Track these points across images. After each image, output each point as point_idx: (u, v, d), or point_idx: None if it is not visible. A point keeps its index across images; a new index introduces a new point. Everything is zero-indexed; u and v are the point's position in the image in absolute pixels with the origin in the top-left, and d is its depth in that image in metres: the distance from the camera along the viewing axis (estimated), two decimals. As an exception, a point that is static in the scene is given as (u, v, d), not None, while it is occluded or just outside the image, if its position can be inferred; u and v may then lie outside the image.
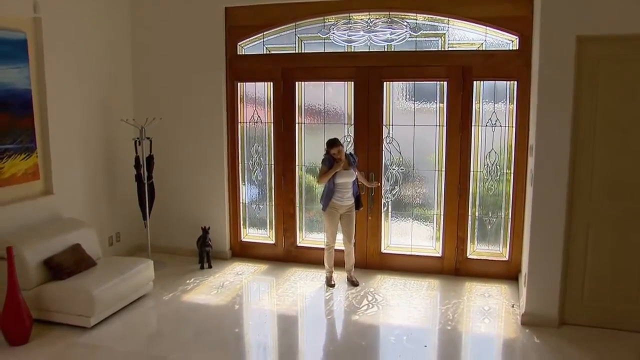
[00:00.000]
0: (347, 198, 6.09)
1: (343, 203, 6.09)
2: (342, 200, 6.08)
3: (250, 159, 7.15)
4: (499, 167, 6.32)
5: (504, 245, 6.45)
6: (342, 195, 6.07)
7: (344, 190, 6.06)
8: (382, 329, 5.33)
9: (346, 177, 6.03)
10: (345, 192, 6.07)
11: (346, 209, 6.13)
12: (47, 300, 5.18)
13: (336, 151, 5.93)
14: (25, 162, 5.75)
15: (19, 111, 5.65)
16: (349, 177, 6.05)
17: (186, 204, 7.24)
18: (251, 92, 7.03)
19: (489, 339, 5.17)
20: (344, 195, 6.07)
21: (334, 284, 6.28)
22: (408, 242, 6.74)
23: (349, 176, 6.05)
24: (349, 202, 6.13)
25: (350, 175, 6.06)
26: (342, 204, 6.09)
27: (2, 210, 5.45)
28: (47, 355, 4.73)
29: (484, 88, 6.23)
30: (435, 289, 6.18)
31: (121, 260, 6.07)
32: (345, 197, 6.08)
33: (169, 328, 5.32)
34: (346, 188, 6.06)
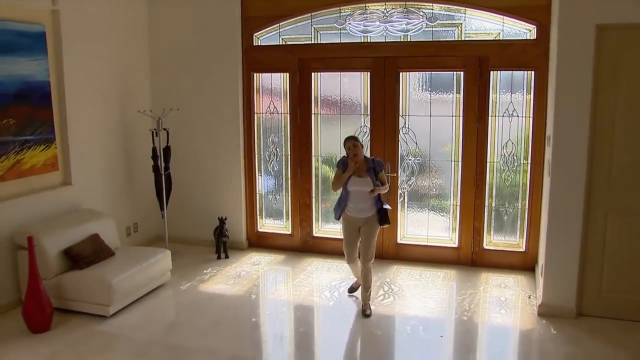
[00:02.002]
0: (362, 210, 5.20)
1: (358, 215, 5.23)
2: (356, 212, 5.23)
3: (266, 149, 7.17)
4: (516, 158, 6.28)
5: (521, 236, 6.42)
6: (356, 206, 5.21)
7: (358, 200, 5.19)
8: (398, 319, 5.35)
9: (360, 185, 5.15)
10: (361, 202, 5.19)
11: (364, 222, 5.25)
12: (66, 289, 5.26)
13: (350, 145, 5.12)
14: (44, 153, 5.81)
15: (38, 103, 5.71)
16: (364, 185, 5.14)
17: (203, 194, 7.28)
18: (267, 83, 7.04)
19: (506, 329, 5.16)
20: (358, 205, 5.21)
21: (350, 289, 5.80)
22: (424, 233, 6.73)
23: (365, 185, 5.14)
24: (366, 215, 5.20)
25: (366, 184, 5.13)
26: (357, 216, 5.24)
27: (22, 201, 5.52)
28: (67, 342, 4.80)
29: (501, 78, 6.18)
30: (451, 280, 6.17)
31: (139, 250, 6.13)
32: (361, 208, 5.20)
33: (186, 317, 5.37)
34: (361, 198, 5.17)
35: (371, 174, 5.16)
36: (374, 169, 5.18)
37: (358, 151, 5.12)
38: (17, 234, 5.32)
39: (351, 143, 5.14)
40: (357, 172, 5.15)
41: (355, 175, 5.16)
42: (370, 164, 5.20)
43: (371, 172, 5.16)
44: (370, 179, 5.13)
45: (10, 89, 5.41)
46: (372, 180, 5.12)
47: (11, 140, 5.45)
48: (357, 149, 5.12)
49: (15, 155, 5.49)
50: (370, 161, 5.23)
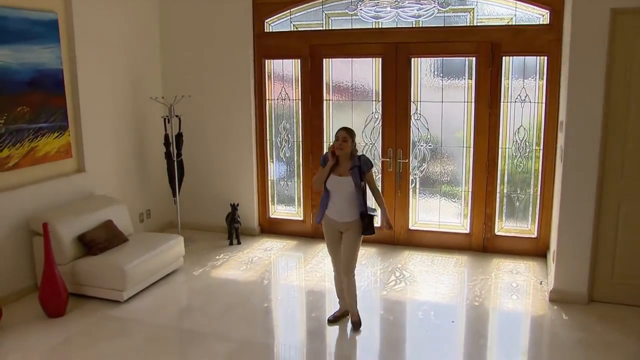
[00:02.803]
0: (343, 212, 4.55)
1: (338, 218, 4.59)
2: (336, 214, 4.59)
3: (278, 135, 7.18)
4: (528, 144, 6.25)
5: (533, 222, 6.41)
6: (336, 208, 4.57)
7: (338, 202, 4.56)
8: (409, 305, 5.37)
9: (339, 185, 4.51)
10: (341, 204, 4.55)
11: (345, 227, 4.61)
12: (81, 274, 5.32)
13: (339, 135, 4.49)
14: (58, 140, 5.86)
15: (51, 90, 5.75)
16: (343, 185, 4.49)
17: (215, 180, 7.32)
18: (279, 69, 7.04)
19: (517, 315, 5.17)
20: (338, 207, 4.56)
21: (332, 318, 4.90)
22: (436, 219, 6.73)
23: (344, 185, 4.49)
24: (347, 219, 4.55)
25: (346, 184, 4.48)
26: (337, 219, 4.60)
27: (37, 188, 5.58)
28: (83, 326, 4.87)
29: (513, 63, 6.14)
30: (463, 266, 6.18)
31: (152, 236, 6.18)
32: (341, 210, 4.56)
33: (199, 303, 5.43)
34: (341, 199, 4.54)
35: (355, 173, 4.47)
36: (359, 167, 4.49)
37: (344, 147, 4.46)
38: (32, 221, 5.38)
39: (340, 134, 4.49)
40: (338, 170, 4.51)
41: (336, 173, 4.51)
42: (355, 161, 4.51)
43: (355, 172, 4.47)
44: (353, 179, 4.45)
45: (24, 77, 5.45)
46: (354, 181, 4.45)
47: (25, 127, 5.50)
48: (344, 143, 4.46)
49: (29, 143, 5.54)
50: (356, 159, 4.52)
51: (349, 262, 4.64)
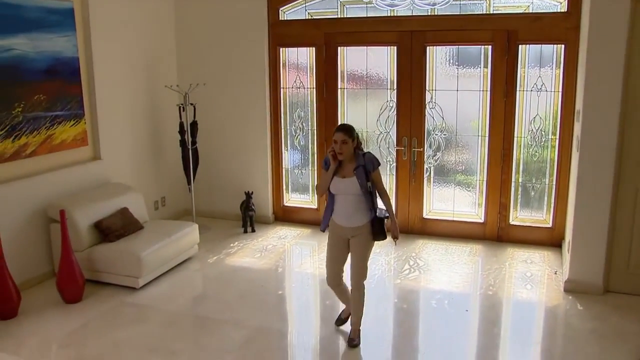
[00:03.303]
0: (351, 217, 4.17)
1: (345, 224, 4.20)
2: (344, 219, 4.20)
3: (292, 124, 7.19)
4: (544, 133, 6.21)
5: (548, 212, 6.37)
6: (342, 212, 4.19)
7: (344, 205, 4.18)
8: (423, 293, 5.38)
9: (343, 187, 4.14)
10: (347, 207, 4.17)
11: (354, 232, 4.22)
12: (97, 261, 5.38)
13: (337, 139, 4.07)
14: (74, 128, 5.90)
15: (67, 79, 5.79)
16: (348, 187, 4.13)
17: (230, 169, 7.34)
18: (293, 58, 7.03)
19: (531, 304, 5.16)
20: (344, 211, 4.19)
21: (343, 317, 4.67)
22: (450, 208, 6.71)
23: (349, 187, 4.12)
24: (355, 224, 4.17)
25: (351, 186, 4.11)
26: (344, 224, 4.21)
27: (53, 175, 5.64)
28: (99, 312, 4.94)
29: (530, 52, 6.09)
30: (477, 255, 6.17)
31: (167, 223, 6.22)
32: (348, 214, 4.18)
33: (213, 290, 5.48)
34: (347, 203, 4.16)
35: (360, 173, 4.09)
36: (364, 167, 4.12)
37: (344, 150, 4.07)
38: (49, 208, 5.44)
39: (338, 137, 4.08)
40: (341, 172, 4.15)
41: (339, 175, 4.15)
42: (360, 160, 4.13)
43: (360, 172, 4.09)
44: (358, 180, 4.08)
45: (41, 65, 5.49)
46: (360, 182, 4.08)
47: (42, 115, 5.55)
48: (344, 146, 4.06)
49: (46, 131, 5.59)
50: (360, 157, 4.14)
51: (360, 269, 4.25)
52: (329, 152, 4.14)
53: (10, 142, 5.24)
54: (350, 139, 4.07)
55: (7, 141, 5.21)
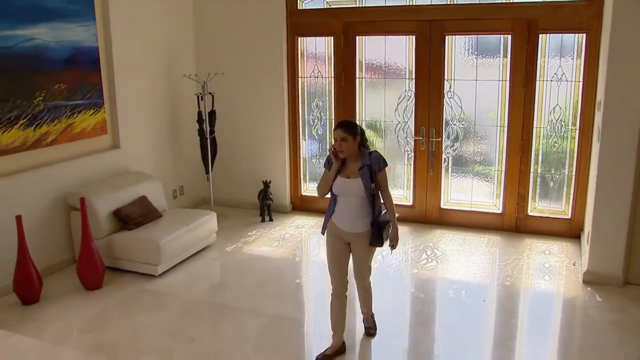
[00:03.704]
0: (353, 221, 3.87)
1: (346, 228, 3.90)
2: (346, 224, 3.89)
3: (310, 113, 7.19)
4: (564, 123, 6.15)
5: (567, 203, 6.32)
6: (345, 215, 3.89)
7: (347, 208, 3.88)
8: (440, 283, 5.37)
9: (347, 188, 3.85)
10: (350, 210, 3.87)
11: (355, 238, 3.93)
12: (117, 248, 5.44)
13: (337, 136, 3.79)
14: (93, 117, 5.95)
15: (87, 68, 5.84)
16: (352, 189, 3.83)
17: (248, 158, 7.37)
18: (311, 47, 7.02)
19: (549, 295, 5.13)
20: (347, 215, 3.88)
21: (320, 357, 4.03)
22: (468, 198, 6.69)
23: (353, 188, 3.83)
24: (356, 229, 3.88)
25: (355, 188, 3.82)
26: (344, 228, 3.90)
27: (73, 164, 5.70)
28: (119, 299, 5.00)
29: (550, 41, 6.02)
30: (495, 245, 6.15)
31: (186, 212, 6.26)
32: (350, 218, 3.87)
33: (231, 278, 5.51)
34: (350, 205, 3.86)
35: (365, 174, 3.80)
36: (370, 167, 3.83)
37: (344, 148, 3.77)
38: (69, 196, 5.51)
39: (337, 134, 3.79)
40: (345, 171, 3.86)
41: (343, 175, 3.86)
42: (365, 159, 3.84)
43: (365, 172, 3.81)
44: (363, 181, 3.79)
45: (61, 54, 5.54)
46: (364, 183, 3.79)
47: (63, 104, 5.60)
48: (344, 143, 3.77)
49: (66, 119, 5.65)
50: (366, 156, 3.85)
51: (364, 268, 4.07)
52: (330, 150, 3.86)
53: (32, 131, 5.31)
54: (351, 136, 3.75)
55: (28, 130, 5.27)
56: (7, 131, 5.08)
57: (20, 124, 5.20)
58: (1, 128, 5.02)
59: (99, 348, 4.21)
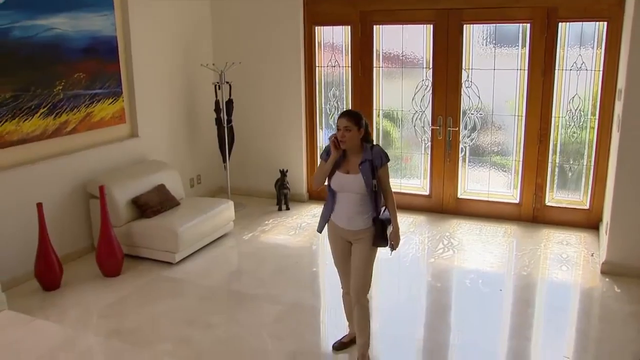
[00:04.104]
0: (352, 219, 3.62)
1: (346, 226, 3.66)
2: (344, 221, 3.65)
3: (327, 102, 7.18)
4: (583, 113, 6.09)
5: (585, 194, 6.27)
6: (343, 213, 3.65)
7: (346, 205, 3.63)
8: (457, 272, 5.37)
9: (345, 183, 3.60)
10: (349, 208, 3.62)
11: (355, 236, 3.68)
12: (135, 236, 5.49)
13: (340, 125, 3.54)
14: (112, 106, 6.00)
15: (106, 57, 5.88)
16: (351, 185, 3.58)
17: (265, 147, 7.39)
18: (328, 36, 7.01)
19: (567, 285, 5.11)
20: (346, 212, 3.63)
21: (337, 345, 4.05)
22: (485, 188, 6.66)
23: (352, 184, 3.57)
24: (357, 227, 3.62)
25: (355, 184, 3.56)
26: (344, 226, 3.66)
27: (92, 152, 5.76)
28: (137, 285, 5.07)
29: (570, 30, 5.95)
30: (512, 235, 6.13)
31: (203, 200, 6.31)
32: (349, 216, 3.63)
33: (248, 265, 5.56)
34: (350, 202, 3.61)
35: (366, 169, 3.53)
36: (371, 162, 3.56)
37: (347, 138, 3.52)
38: (88, 184, 5.57)
39: (341, 122, 3.54)
40: (345, 165, 3.61)
41: (342, 169, 3.61)
42: (367, 154, 3.57)
43: (366, 167, 3.54)
44: (363, 177, 3.53)
45: (80, 44, 5.58)
46: (365, 179, 3.53)
47: (82, 93, 5.65)
48: (348, 133, 3.51)
49: (85, 108, 5.70)
50: (367, 150, 3.59)
51: (361, 279, 3.69)
52: (330, 139, 3.58)
53: (52, 120, 5.37)
54: (356, 127, 3.51)
55: (49, 118, 5.33)
56: (28, 120, 5.14)
57: (40, 113, 5.26)
58: (22, 117, 5.09)
59: (118, 333, 4.27)
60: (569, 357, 3.94)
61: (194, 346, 4.09)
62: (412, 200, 6.86)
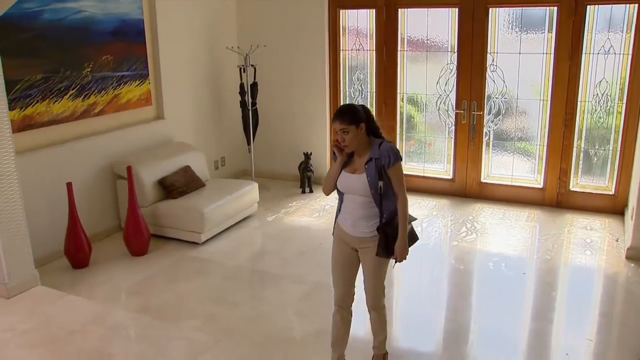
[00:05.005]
0: (357, 224, 3.25)
1: (351, 231, 3.29)
2: (349, 226, 3.29)
3: (351, 86, 7.19)
4: (610, 97, 6.02)
5: (610, 179, 6.22)
6: (348, 216, 3.30)
7: (351, 208, 3.27)
8: (480, 255, 5.38)
9: (351, 184, 3.22)
10: (355, 211, 3.25)
11: (361, 243, 3.29)
12: (161, 216, 5.58)
13: (337, 128, 3.13)
14: (139, 88, 6.08)
15: (133, 40, 5.95)
16: (355, 186, 3.20)
17: (289, 129, 7.43)
18: (353, 19, 6.99)
19: (590, 270, 5.10)
20: (351, 216, 3.27)
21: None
22: (508, 173, 6.64)
23: (357, 185, 3.19)
24: (362, 233, 3.25)
25: (359, 185, 3.18)
26: (347, 231, 3.31)
27: (120, 134, 5.85)
28: (164, 264, 5.16)
29: (598, 12, 5.86)
30: (535, 220, 6.11)
31: (228, 182, 6.38)
32: (354, 220, 3.26)
33: (273, 246, 5.62)
34: (355, 205, 3.24)
35: (371, 169, 3.15)
36: (378, 160, 3.15)
37: (349, 141, 3.12)
38: (116, 165, 5.67)
39: (336, 126, 3.13)
40: (352, 165, 3.24)
41: (348, 169, 3.24)
42: (374, 152, 3.17)
43: (371, 167, 3.15)
44: (367, 177, 3.15)
45: (108, 26, 5.66)
46: (369, 180, 3.14)
47: (110, 75, 5.74)
48: (347, 136, 3.11)
49: (113, 90, 5.78)
50: (375, 148, 3.18)
51: (375, 290, 3.39)
52: (333, 143, 3.26)
53: (81, 101, 5.46)
54: (353, 126, 3.09)
55: (77, 100, 5.43)
56: (57, 101, 5.24)
57: (69, 95, 5.35)
58: (52, 98, 5.18)
59: (146, 310, 4.36)
60: (592, 339, 3.95)
61: (220, 323, 4.17)
62: (435, 184, 6.87)
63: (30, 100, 5.00)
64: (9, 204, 4.32)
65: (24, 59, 4.94)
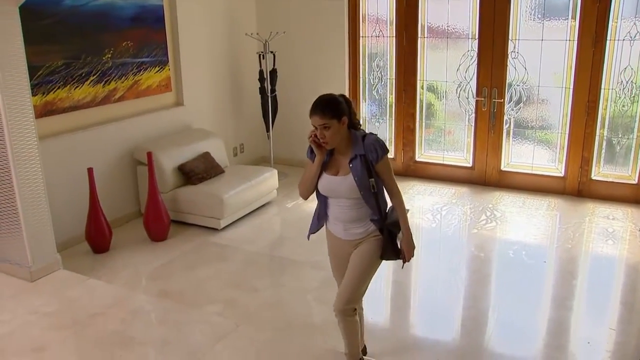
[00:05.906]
0: (350, 227, 2.99)
1: (340, 235, 3.04)
2: (339, 230, 3.03)
3: (371, 73, 7.15)
4: (635, 85, 5.93)
5: (634, 168, 6.13)
6: (336, 220, 3.03)
7: (340, 213, 2.97)
8: (500, 243, 5.35)
9: (336, 187, 2.92)
10: (340, 214, 2.97)
11: (354, 246, 3.02)
12: (181, 202, 5.61)
13: (315, 122, 2.85)
14: (158, 74, 6.10)
15: (153, 26, 5.96)
16: (342, 189, 2.90)
17: (308, 117, 7.37)
18: (373, 5, 6.94)
19: (612, 259, 5.04)
20: (338, 219, 3.01)
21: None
22: (529, 161, 6.57)
23: (343, 188, 2.89)
24: (355, 236, 2.99)
25: (346, 188, 2.88)
26: (340, 236, 3.05)
27: (140, 120, 5.87)
28: (184, 250, 5.20)
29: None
30: (556, 209, 6.06)
31: (247, 168, 6.38)
32: (342, 223, 3.00)
33: (292, 233, 5.63)
34: (344, 209, 2.95)
35: (357, 168, 2.85)
36: (364, 157, 2.85)
37: (329, 138, 2.81)
38: (136, 150, 5.70)
39: (314, 121, 2.84)
40: (333, 165, 2.93)
41: (330, 171, 2.93)
42: (357, 148, 2.87)
43: (357, 166, 2.85)
44: (355, 179, 2.84)
45: (128, 12, 5.67)
46: (357, 181, 2.84)
47: (130, 61, 5.75)
48: (327, 132, 2.80)
49: (133, 76, 5.81)
50: (358, 143, 2.87)
51: (349, 290, 2.99)
52: (309, 138, 2.89)
53: (101, 87, 5.49)
54: (335, 120, 2.78)
55: (98, 86, 5.46)
56: (78, 87, 5.27)
57: (90, 81, 5.38)
58: (73, 84, 5.22)
59: (167, 294, 4.40)
60: (614, 329, 3.92)
61: (241, 308, 4.20)
62: (454, 172, 6.83)
63: (52, 86, 5.04)
64: (32, 189, 4.37)
65: (46, 45, 4.96)
